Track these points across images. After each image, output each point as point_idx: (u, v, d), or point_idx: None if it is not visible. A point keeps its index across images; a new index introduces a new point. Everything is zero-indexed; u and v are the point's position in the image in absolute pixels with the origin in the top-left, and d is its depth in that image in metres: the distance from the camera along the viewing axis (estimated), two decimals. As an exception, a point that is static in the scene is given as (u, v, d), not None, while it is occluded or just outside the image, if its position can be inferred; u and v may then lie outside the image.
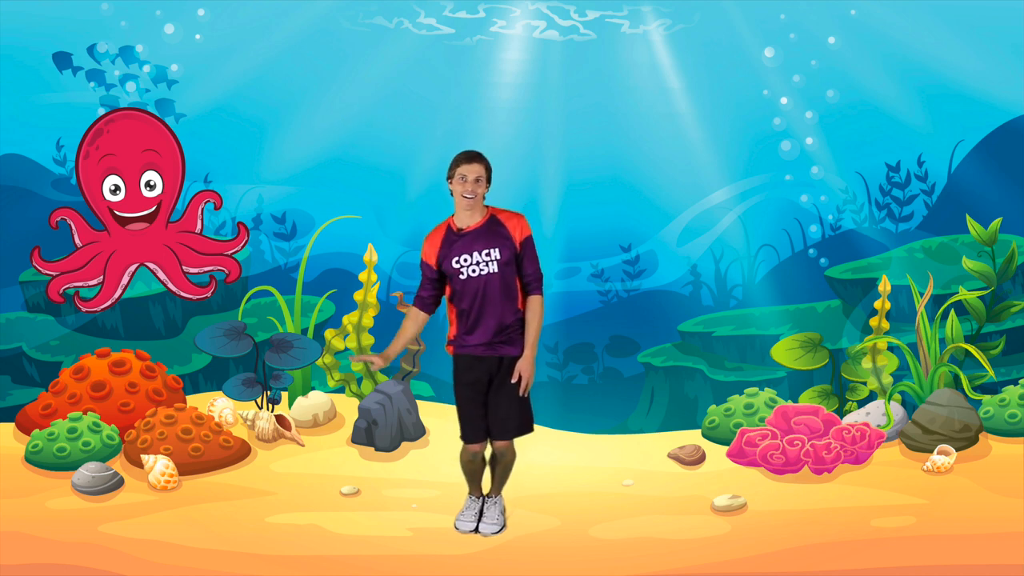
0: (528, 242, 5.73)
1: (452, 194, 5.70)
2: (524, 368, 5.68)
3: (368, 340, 7.78)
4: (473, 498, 6.06)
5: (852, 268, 9.12)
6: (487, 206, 5.74)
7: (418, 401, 7.53)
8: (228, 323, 7.56)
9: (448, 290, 5.78)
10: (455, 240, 5.69)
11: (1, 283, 8.74)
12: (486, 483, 6.11)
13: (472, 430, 5.81)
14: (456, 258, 5.66)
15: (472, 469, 5.96)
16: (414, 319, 5.87)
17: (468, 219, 5.69)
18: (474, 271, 5.65)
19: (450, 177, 5.68)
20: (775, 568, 5.53)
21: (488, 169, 5.68)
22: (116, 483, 6.46)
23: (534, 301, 5.76)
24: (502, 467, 5.93)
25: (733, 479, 6.69)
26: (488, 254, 5.65)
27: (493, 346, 5.71)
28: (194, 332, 8.46)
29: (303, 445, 7.24)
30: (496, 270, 5.64)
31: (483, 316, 5.68)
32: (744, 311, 9.40)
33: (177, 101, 8.98)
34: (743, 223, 9.42)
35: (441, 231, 5.75)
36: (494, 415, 5.77)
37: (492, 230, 5.68)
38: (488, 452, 5.96)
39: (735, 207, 9.43)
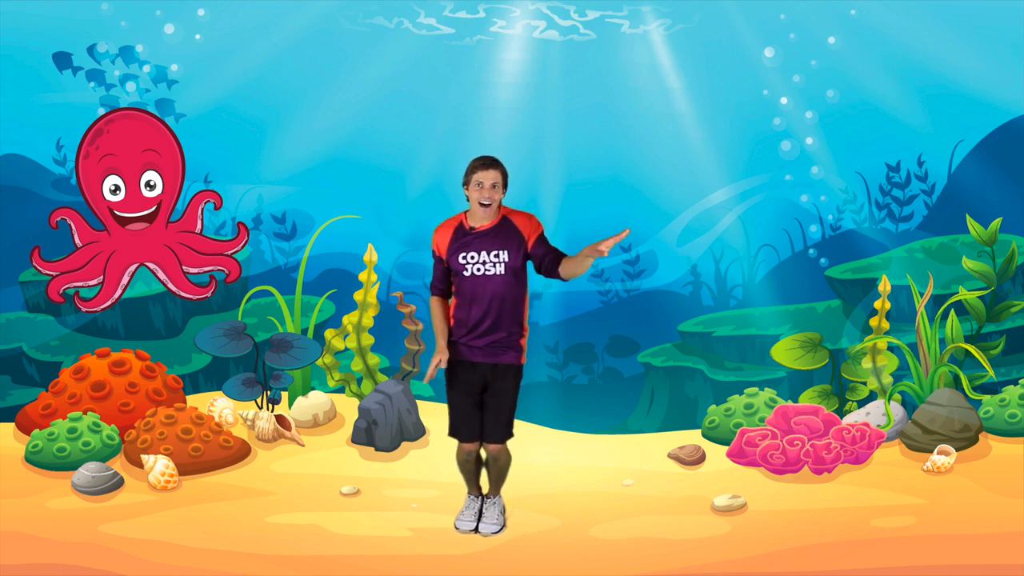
0: (543, 236, 5.70)
1: (468, 199, 5.69)
2: (601, 245, 5.36)
3: (368, 340, 7.78)
4: (472, 497, 6.06)
5: (852, 268, 9.12)
6: (500, 206, 5.74)
7: (418, 401, 7.53)
8: (228, 323, 7.56)
9: (452, 312, 5.79)
10: (465, 237, 5.69)
11: (1, 283, 8.74)
12: (485, 483, 6.11)
13: (467, 430, 5.81)
14: (464, 254, 5.66)
15: (468, 468, 5.97)
16: (442, 307, 5.82)
17: (482, 219, 5.69)
18: (479, 270, 5.64)
19: (466, 183, 5.67)
20: (775, 568, 5.53)
21: (504, 175, 5.66)
22: (116, 483, 6.46)
23: (564, 259, 5.59)
24: (497, 470, 5.93)
25: (733, 479, 6.69)
26: (496, 255, 5.64)
27: (489, 352, 5.71)
28: (194, 332, 8.46)
29: (303, 445, 7.24)
30: (503, 272, 5.64)
31: (483, 318, 5.67)
32: (744, 311, 9.40)
33: (177, 101, 8.98)
34: (743, 223, 9.43)
35: (452, 225, 5.74)
36: (488, 418, 5.77)
37: (504, 230, 5.68)
38: (483, 454, 5.98)
39: (735, 207, 9.43)
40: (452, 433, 5.86)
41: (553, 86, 9.40)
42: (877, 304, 7.68)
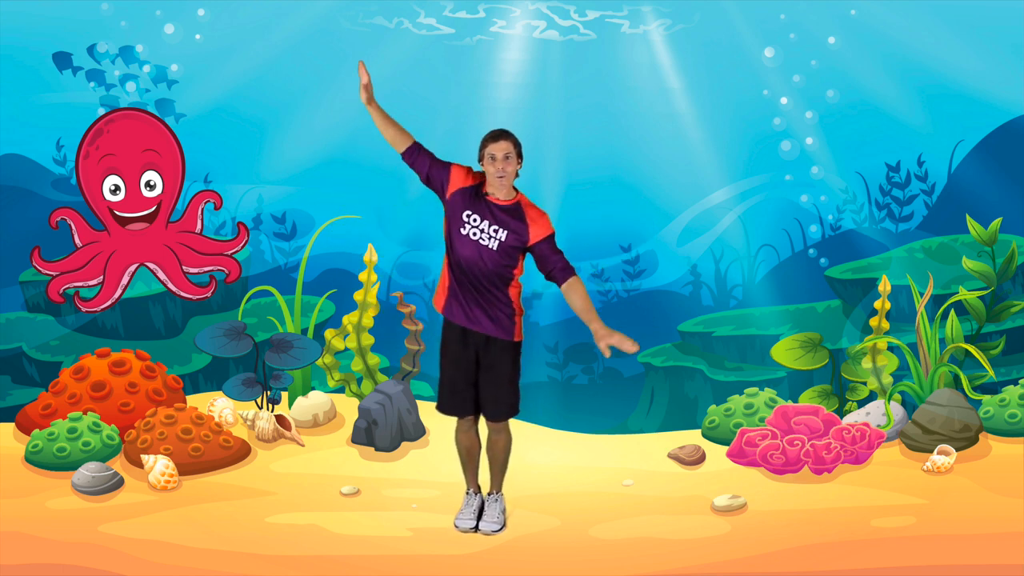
0: (550, 239, 5.70)
1: (486, 174, 5.70)
2: (613, 339, 5.66)
3: (368, 340, 7.78)
4: (471, 494, 6.07)
5: (852, 268, 9.12)
6: (520, 193, 5.74)
7: (418, 401, 7.53)
8: (228, 323, 7.56)
9: (446, 261, 5.76)
10: (477, 198, 5.67)
11: (1, 283, 8.73)
12: (484, 482, 6.11)
13: (450, 403, 5.85)
14: (470, 212, 5.65)
15: (467, 444, 5.96)
16: (396, 124, 5.85)
17: (497, 191, 5.69)
18: (474, 235, 5.63)
19: (480, 158, 5.69)
20: (775, 568, 5.53)
21: (516, 144, 5.67)
22: (116, 483, 6.46)
23: (575, 282, 5.73)
24: (500, 450, 5.92)
25: (733, 479, 6.69)
26: (496, 231, 5.64)
27: (480, 319, 5.70)
28: (194, 332, 8.45)
29: (303, 445, 7.24)
30: (495, 248, 5.63)
31: (469, 288, 5.67)
32: (744, 311, 9.40)
33: (177, 101, 8.98)
34: (743, 223, 9.42)
35: (475, 181, 5.71)
36: (486, 396, 5.79)
37: (513, 215, 5.66)
38: (483, 445, 5.98)
39: (735, 207, 9.42)
40: (440, 407, 5.90)
41: (553, 86, 9.39)
42: (877, 304, 7.68)
